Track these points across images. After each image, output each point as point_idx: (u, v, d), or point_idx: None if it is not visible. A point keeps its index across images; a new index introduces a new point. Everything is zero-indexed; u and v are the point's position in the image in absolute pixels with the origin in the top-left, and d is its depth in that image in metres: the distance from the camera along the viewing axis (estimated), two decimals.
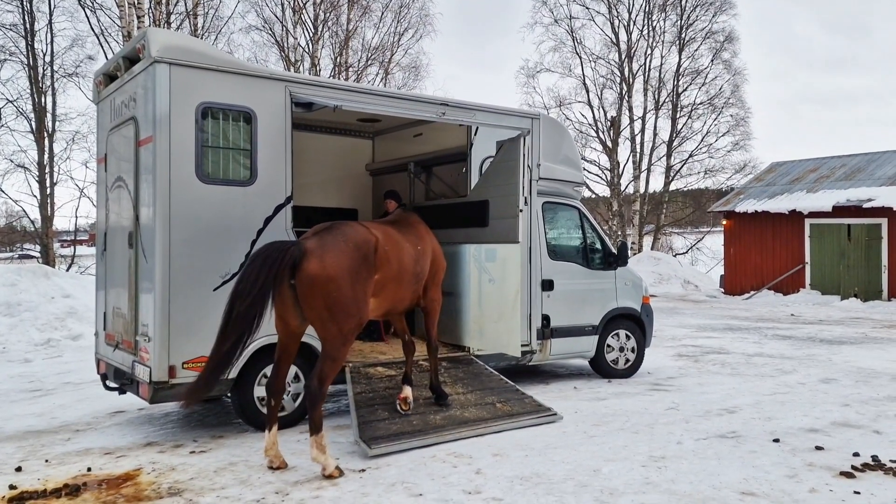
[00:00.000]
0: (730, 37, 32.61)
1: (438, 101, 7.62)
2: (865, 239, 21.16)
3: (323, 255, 5.13)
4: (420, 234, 6.41)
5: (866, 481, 5.02)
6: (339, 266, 5.16)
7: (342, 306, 5.14)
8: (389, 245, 5.79)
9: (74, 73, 24.08)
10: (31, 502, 4.66)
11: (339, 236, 5.33)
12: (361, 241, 5.42)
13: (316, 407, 5.11)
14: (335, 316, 5.13)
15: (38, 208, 23.64)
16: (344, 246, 5.27)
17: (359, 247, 5.37)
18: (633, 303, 9.28)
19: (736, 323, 16.05)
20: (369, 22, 30.89)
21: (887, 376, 9.18)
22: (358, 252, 5.34)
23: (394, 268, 5.76)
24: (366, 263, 5.38)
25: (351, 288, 5.20)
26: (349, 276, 5.20)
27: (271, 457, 5.26)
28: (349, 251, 5.28)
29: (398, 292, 5.95)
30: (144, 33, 6.02)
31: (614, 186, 32.91)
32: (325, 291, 5.07)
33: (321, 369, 5.14)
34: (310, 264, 5.07)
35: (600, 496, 4.73)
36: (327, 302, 5.08)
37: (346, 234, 5.39)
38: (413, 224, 6.48)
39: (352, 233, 5.45)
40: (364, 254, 5.38)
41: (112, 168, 6.86)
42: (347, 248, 5.28)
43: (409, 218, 6.57)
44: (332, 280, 5.10)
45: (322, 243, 5.22)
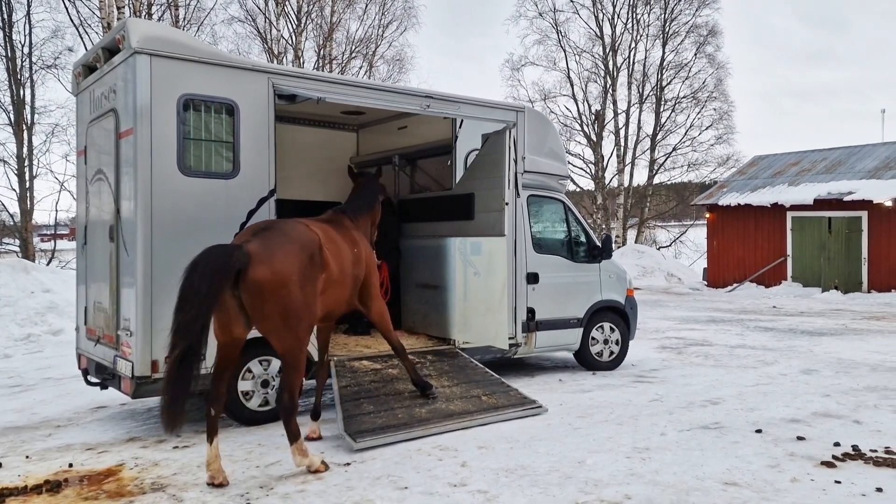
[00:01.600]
0: (713, 30, 32.80)
1: (423, 93, 7.59)
2: (846, 232, 21.39)
3: (270, 260, 4.74)
4: (353, 237, 6.00)
5: (847, 470, 5.08)
6: (289, 270, 4.79)
7: (295, 312, 4.81)
8: (330, 244, 5.43)
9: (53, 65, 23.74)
10: (12, 499, 4.60)
11: (282, 236, 4.95)
12: (306, 241, 5.06)
13: (291, 419, 4.88)
14: (289, 323, 4.80)
15: (18, 202, 23.32)
16: (290, 247, 4.90)
17: (304, 246, 5.01)
18: (617, 295, 9.32)
19: (719, 315, 16.18)
20: (353, 14, 30.75)
21: (867, 367, 9.30)
22: (304, 252, 4.98)
23: (335, 269, 5.40)
24: (312, 263, 5.04)
25: (302, 292, 4.86)
26: (299, 279, 4.85)
27: (213, 471, 4.79)
28: (296, 252, 4.91)
29: (338, 295, 5.56)
30: (124, 24, 5.93)
31: (598, 180, 33.04)
32: (277, 298, 4.72)
33: (287, 382, 4.88)
34: (257, 271, 4.66)
35: (585, 487, 4.75)
36: (280, 309, 4.74)
37: (289, 234, 5.01)
38: (346, 227, 6.04)
39: (294, 232, 5.07)
40: (310, 253, 5.04)
41: (92, 161, 6.77)
42: (294, 249, 4.91)
43: (342, 220, 6.11)
44: (283, 286, 4.74)
45: (266, 246, 4.80)
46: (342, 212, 6.23)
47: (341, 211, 6.25)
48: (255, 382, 6.39)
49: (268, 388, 6.46)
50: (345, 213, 6.21)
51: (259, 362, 6.40)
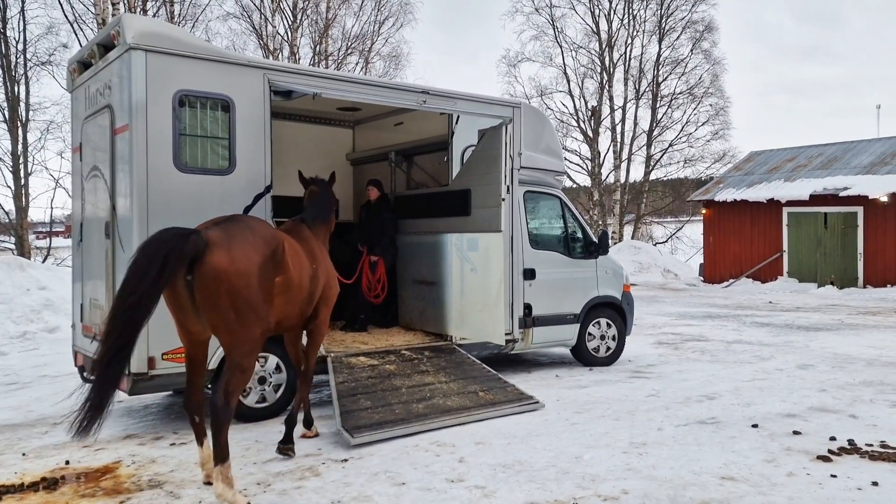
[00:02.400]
0: (709, 26, 32.80)
1: (419, 89, 7.58)
2: (842, 227, 21.44)
3: (230, 247, 4.37)
4: (313, 251, 5.54)
5: (843, 465, 5.09)
6: (249, 260, 4.42)
7: (252, 307, 4.40)
8: (292, 251, 5.05)
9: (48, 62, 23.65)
10: (8, 496, 4.59)
11: (246, 228, 4.63)
12: (270, 237, 4.73)
13: (223, 429, 4.28)
14: (244, 318, 4.37)
15: (13, 199, 23.25)
16: (252, 239, 4.56)
17: (268, 242, 4.66)
18: (613, 291, 9.33)
19: (715, 311, 16.21)
20: (349, 10, 30.71)
21: (862, 362, 9.33)
22: (267, 247, 4.62)
23: (293, 278, 4.98)
24: (273, 261, 4.67)
25: (260, 287, 4.47)
26: (259, 272, 4.47)
27: (209, 471, 4.66)
28: (259, 245, 4.57)
29: (288, 307, 5.07)
30: (119, 19, 5.91)
31: (595, 176, 33.05)
32: (233, 289, 4.30)
33: (227, 382, 4.36)
34: (214, 256, 4.27)
35: (582, 482, 4.75)
36: (234, 302, 4.31)
37: (254, 227, 4.70)
38: (307, 239, 5.59)
39: (259, 226, 4.77)
40: (273, 250, 4.68)
41: (87, 157, 6.74)
42: (257, 242, 4.57)
43: (302, 232, 5.66)
44: (242, 275, 4.34)
45: (228, 234, 4.46)
46: (302, 221, 5.82)
47: (301, 220, 5.84)
48: (252, 379, 6.38)
49: (265, 385, 6.46)
50: (304, 223, 5.80)
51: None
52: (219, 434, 4.28)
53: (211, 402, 4.36)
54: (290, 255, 4.95)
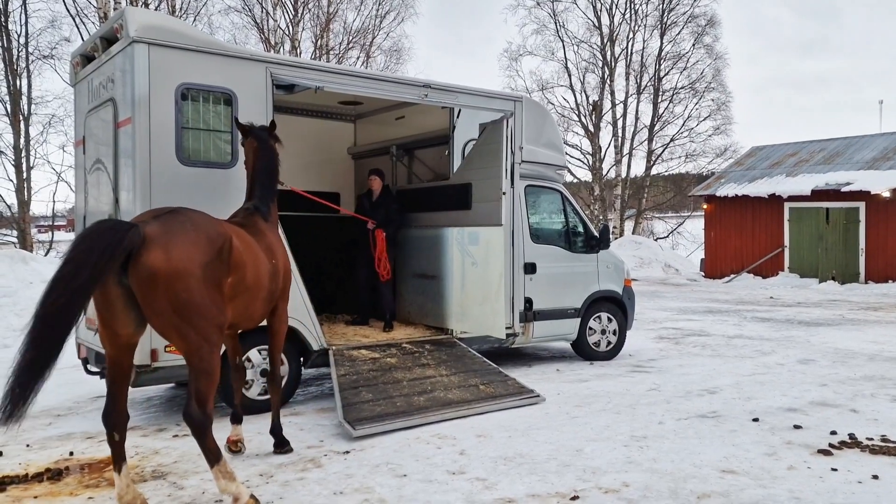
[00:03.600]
0: (711, 21, 32.69)
1: (421, 83, 7.58)
2: (843, 222, 21.43)
3: (168, 245, 3.94)
4: (270, 244, 5.05)
5: (843, 459, 5.11)
6: (189, 259, 3.99)
7: (196, 309, 4.00)
8: (244, 248, 4.57)
9: (50, 56, 23.61)
10: (13, 487, 4.62)
11: (188, 223, 4.17)
12: (214, 234, 4.26)
13: (204, 436, 4.03)
14: (190, 320, 3.99)
15: (15, 193, 23.27)
16: (195, 235, 4.12)
17: (212, 239, 4.20)
18: (614, 286, 9.34)
19: (716, 306, 16.23)
20: (350, 4, 30.72)
21: (864, 356, 9.34)
22: (211, 245, 4.17)
23: (249, 276, 4.56)
24: (220, 260, 4.22)
25: (204, 287, 4.05)
26: (202, 272, 4.05)
27: (129, 501, 4.08)
28: (201, 242, 4.13)
29: (250, 307, 4.71)
30: (122, 13, 5.91)
31: (596, 170, 33.01)
32: (172, 291, 3.90)
33: (196, 389, 4.04)
34: (151, 255, 3.86)
35: (583, 475, 4.78)
36: (175, 304, 3.93)
37: (196, 222, 4.23)
38: (262, 230, 5.09)
39: (202, 221, 4.30)
40: (218, 248, 4.22)
41: (90, 151, 6.75)
42: (199, 239, 4.13)
43: (259, 224, 5.14)
44: (180, 277, 3.93)
45: (167, 229, 4.03)
46: (255, 210, 5.27)
47: (254, 209, 5.27)
48: (255, 371, 6.41)
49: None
50: (258, 212, 5.26)
51: (258, 351, 6.41)
52: (203, 441, 4.05)
53: (186, 413, 4.04)
54: (242, 253, 4.50)
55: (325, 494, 4.45)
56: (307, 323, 6.66)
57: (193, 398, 4.04)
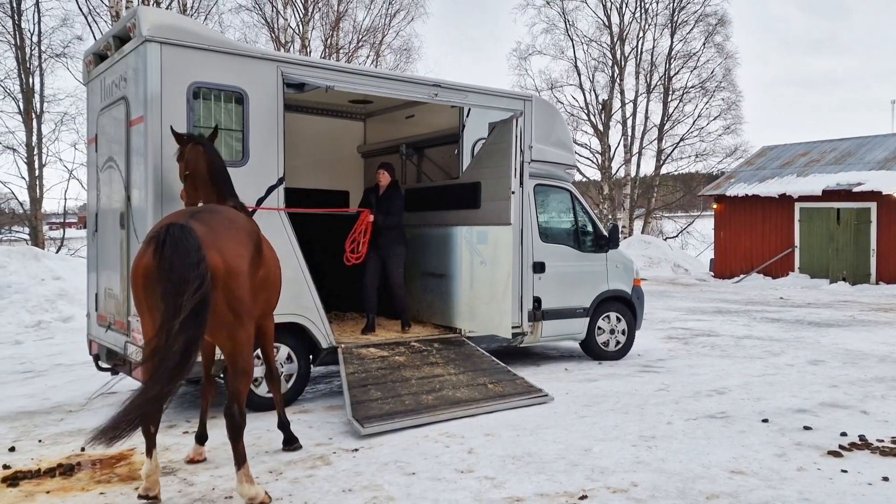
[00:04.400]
0: (722, 20, 32.56)
1: (431, 82, 7.59)
2: (855, 223, 21.30)
3: (220, 245, 4.05)
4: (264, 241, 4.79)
5: (853, 460, 5.09)
6: (241, 258, 4.14)
7: (247, 307, 4.15)
8: (266, 243, 4.69)
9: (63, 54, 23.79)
10: (25, 482, 4.67)
11: (227, 221, 4.28)
12: (251, 230, 4.40)
13: (239, 436, 4.15)
14: (242, 319, 4.13)
15: (27, 190, 23.45)
16: (237, 233, 4.25)
17: (251, 235, 4.36)
18: (623, 285, 9.33)
19: (725, 306, 16.17)
20: (360, 3, 30.78)
21: (874, 358, 9.29)
22: (251, 241, 4.33)
23: (271, 270, 4.64)
24: (258, 254, 4.38)
25: (251, 284, 4.21)
26: (250, 269, 4.20)
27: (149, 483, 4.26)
28: (244, 239, 4.26)
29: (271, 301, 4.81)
30: (135, 12, 5.95)
31: (605, 170, 32.94)
32: (228, 290, 4.02)
33: (237, 390, 4.16)
34: (211, 260, 3.93)
35: (591, 475, 4.78)
36: (232, 303, 4.05)
37: (232, 219, 4.33)
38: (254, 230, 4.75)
39: (236, 217, 4.41)
40: (255, 243, 4.38)
41: (103, 149, 6.81)
42: (241, 236, 4.26)
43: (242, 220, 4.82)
44: (235, 276, 4.06)
45: (212, 229, 4.10)
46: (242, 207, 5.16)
47: (241, 206, 5.17)
48: (263, 368, 6.43)
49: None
50: (244, 210, 5.16)
51: None
52: (237, 442, 4.16)
53: (229, 414, 4.15)
54: (267, 248, 4.65)
55: (334, 492, 4.48)
56: (316, 321, 6.69)
57: (234, 399, 4.15)
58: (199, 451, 5.11)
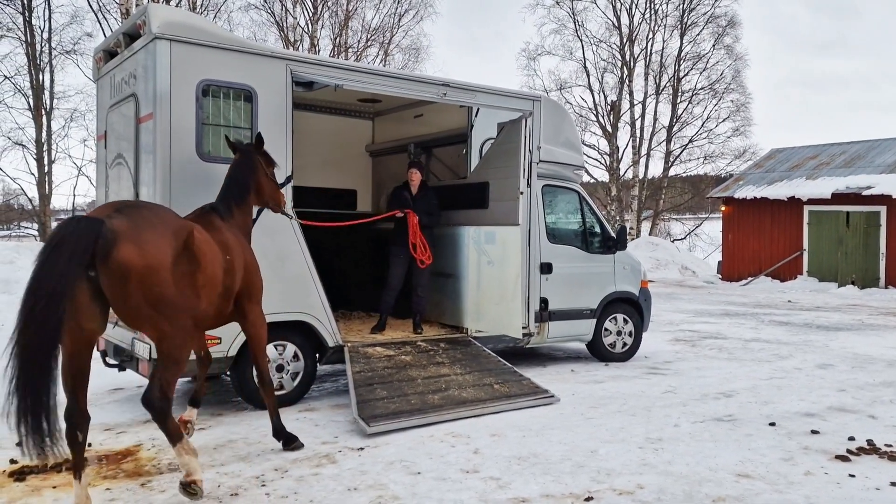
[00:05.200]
0: (732, 21, 32.50)
1: (440, 81, 7.59)
2: (864, 226, 21.18)
3: (139, 239, 3.96)
4: (226, 241, 4.94)
5: (861, 465, 5.06)
6: (161, 253, 4.05)
7: (170, 302, 4.08)
8: (204, 241, 4.58)
9: (73, 51, 23.93)
10: (32, 477, 4.69)
11: (153, 217, 4.22)
12: (178, 227, 4.31)
13: (165, 419, 4.10)
14: (164, 312, 4.07)
15: (36, 186, 23.59)
16: (162, 228, 4.17)
17: (177, 232, 4.25)
18: (631, 287, 9.30)
19: (733, 308, 16.10)
20: (369, 2, 30.77)
21: (883, 362, 9.24)
22: (177, 238, 4.22)
23: (207, 271, 4.52)
24: (187, 253, 4.28)
25: (175, 281, 4.12)
26: (173, 266, 4.11)
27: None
28: (169, 236, 4.17)
29: (208, 302, 4.68)
30: (145, 9, 5.97)
31: (613, 171, 32.88)
32: (146, 286, 3.95)
33: (161, 376, 4.12)
34: (122, 251, 3.86)
35: (597, 476, 4.76)
36: (150, 298, 3.99)
37: (160, 215, 4.30)
38: (220, 229, 5.00)
39: (165, 214, 4.38)
40: (184, 241, 4.27)
41: (112, 145, 6.83)
42: (166, 232, 4.17)
43: (215, 222, 5.05)
44: (154, 271, 3.98)
45: (134, 224, 4.03)
46: (212, 209, 5.23)
47: (210, 208, 5.24)
48: (270, 367, 6.44)
49: (282, 373, 6.52)
50: (214, 211, 5.21)
51: (274, 347, 6.45)
52: (165, 424, 4.13)
53: (146, 398, 4.09)
54: (202, 246, 4.51)
55: (340, 490, 4.48)
56: (323, 319, 6.70)
57: (157, 385, 4.10)
58: (190, 412, 5.36)
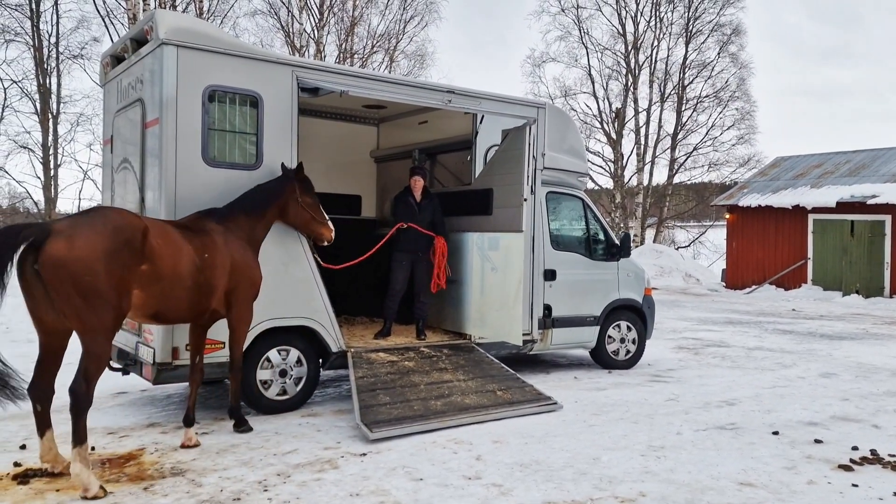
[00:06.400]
0: (737, 30, 32.52)
1: (445, 88, 7.62)
2: (868, 235, 21.13)
3: (72, 236, 4.43)
4: (213, 243, 5.42)
5: (864, 474, 5.05)
6: (92, 247, 4.44)
7: (98, 294, 4.44)
8: (162, 240, 5.00)
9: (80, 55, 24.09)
10: (36, 480, 4.70)
11: (97, 217, 4.68)
12: (123, 224, 4.69)
13: (81, 414, 4.47)
14: (91, 304, 4.43)
15: (42, 190, 23.70)
16: (101, 227, 4.58)
17: (119, 229, 4.64)
18: (634, 294, 9.30)
19: (737, 317, 16.07)
20: (375, 9, 30.86)
21: (887, 372, 9.21)
22: (117, 235, 4.60)
23: (165, 266, 4.96)
24: (128, 248, 4.64)
25: (107, 273, 4.47)
26: (105, 258, 4.48)
27: (50, 461, 4.75)
28: (106, 232, 4.56)
29: (169, 296, 5.08)
30: (152, 15, 6.01)
31: (617, 178, 32.88)
32: (75, 276, 4.36)
33: (85, 368, 4.50)
34: (54, 245, 4.35)
35: (599, 484, 4.76)
36: (79, 289, 4.37)
37: (106, 216, 4.73)
38: (208, 231, 5.48)
39: (113, 215, 4.78)
40: (126, 238, 4.65)
41: (118, 150, 6.87)
42: (105, 230, 4.57)
43: (205, 224, 5.55)
44: (82, 262, 4.38)
45: (73, 224, 4.55)
46: (209, 213, 5.72)
47: (208, 212, 5.73)
48: (274, 372, 6.46)
49: (285, 378, 6.53)
50: (210, 214, 5.69)
51: (277, 352, 6.47)
52: (78, 419, 4.46)
53: (71, 389, 4.49)
54: (160, 244, 4.93)
55: (342, 496, 4.48)
56: (326, 324, 6.71)
57: (81, 377, 4.50)
58: (189, 434, 5.51)
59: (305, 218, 6.29)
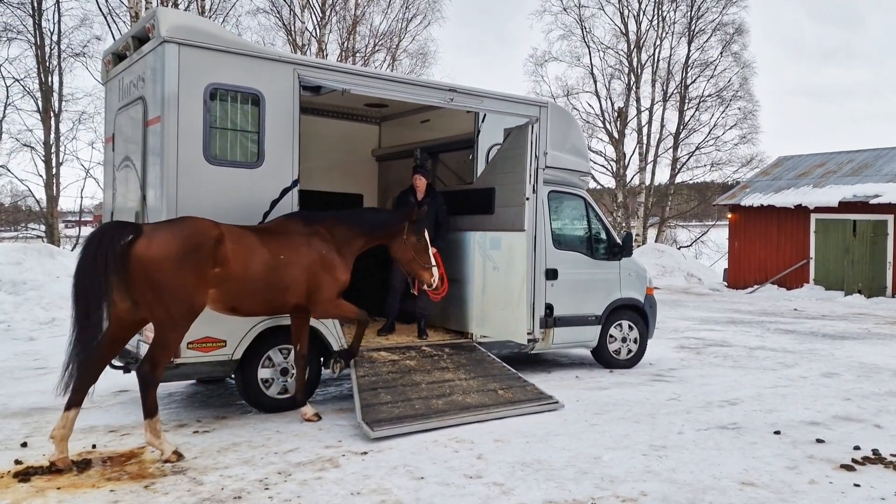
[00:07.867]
0: (740, 29, 32.43)
1: (447, 86, 7.61)
2: (871, 235, 21.10)
3: (152, 237, 5.06)
4: (293, 244, 5.91)
5: (866, 474, 5.04)
6: (165, 248, 5.04)
7: (166, 289, 5.02)
8: (237, 245, 5.52)
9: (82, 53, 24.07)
10: (37, 478, 4.70)
11: (177, 223, 5.30)
12: (198, 231, 5.28)
13: (149, 391, 5.07)
14: (160, 298, 5.02)
15: (44, 188, 23.70)
16: (178, 232, 5.18)
17: (193, 234, 5.22)
18: (636, 294, 9.28)
19: (738, 316, 16.05)
20: (377, 7, 30.83)
21: (889, 371, 9.19)
22: (190, 239, 5.18)
23: (237, 268, 5.47)
24: (199, 252, 5.20)
25: (175, 272, 5.05)
26: (175, 259, 5.05)
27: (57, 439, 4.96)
28: (181, 237, 5.15)
29: (243, 294, 5.60)
30: (154, 13, 6.00)
31: (620, 178, 32.85)
32: (147, 272, 4.97)
33: (152, 354, 5.10)
34: (139, 243, 5.01)
35: (601, 483, 4.75)
36: (151, 283, 4.99)
37: (185, 223, 5.32)
38: (289, 233, 5.96)
39: (191, 223, 5.34)
40: (198, 242, 5.21)
41: (120, 148, 6.86)
42: (181, 234, 5.17)
43: (289, 226, 6.03)
44: (155, 261, 4.99)
45: (156, 227, 5.24)
46: (296, 215, 6.24)
47: (296, 214, 6.29)
48: (275, 370, 6.46)
49: (287, 377, 6.53)
50: (299, 217, 6.19)
51: (279, 351, 6.47)
52: (145, 395, 5.07)
53: (139, 371, 5.09)
54: (233, 249, 5.45)
55: (343, 494, 4.48)
56: (328, 323, 6.70)
57: (148, 360, 5.09)
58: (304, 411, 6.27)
59: (407, 256, 6.63)
